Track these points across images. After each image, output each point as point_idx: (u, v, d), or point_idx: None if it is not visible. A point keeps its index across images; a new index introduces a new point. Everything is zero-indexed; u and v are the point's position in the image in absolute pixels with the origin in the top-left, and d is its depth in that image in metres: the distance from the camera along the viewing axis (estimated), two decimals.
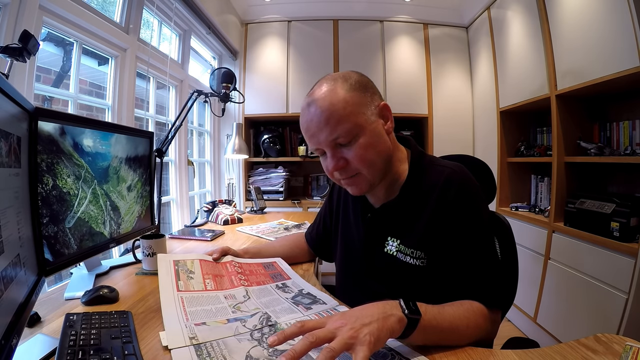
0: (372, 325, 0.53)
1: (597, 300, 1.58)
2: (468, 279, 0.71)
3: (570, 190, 1.91)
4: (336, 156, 0.74)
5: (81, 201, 0.88)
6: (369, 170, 0.74)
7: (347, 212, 0.94)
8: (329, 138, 0.72)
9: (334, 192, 1.03)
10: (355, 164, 0.73)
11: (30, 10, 1.17)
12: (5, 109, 0.53)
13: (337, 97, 0.71)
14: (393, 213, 0.81)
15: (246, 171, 3.06)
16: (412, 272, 0.76)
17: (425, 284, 0.75)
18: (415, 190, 0.78)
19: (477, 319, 0.66)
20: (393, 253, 0.80)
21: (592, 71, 1.64)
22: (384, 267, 0.81)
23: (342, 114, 0.71)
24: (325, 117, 0.71)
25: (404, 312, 0.58)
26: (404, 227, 0.79)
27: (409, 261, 0.77)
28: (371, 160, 0.74)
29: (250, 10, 3.04)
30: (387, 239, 0.81)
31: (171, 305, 0.71)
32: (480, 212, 0.75)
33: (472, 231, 0.73)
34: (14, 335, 0.47)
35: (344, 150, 0.73)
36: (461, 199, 0.73)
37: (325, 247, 1.08)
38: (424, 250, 0.76)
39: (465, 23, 3.06)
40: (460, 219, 0.73)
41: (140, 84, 1.94)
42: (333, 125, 0.71)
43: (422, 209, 0.77)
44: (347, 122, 0.71)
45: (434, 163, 0.81)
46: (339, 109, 0.71)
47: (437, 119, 3.02)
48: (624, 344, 0.57)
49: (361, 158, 0.73)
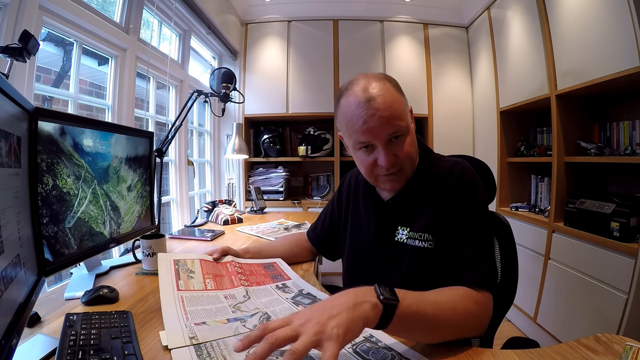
0: (340, 316, 0.48)
1: (597, 300, 1.58)
2: (457, 258, 0.73)
3: (570, 190, 1.91)
4: (390, 152, 0.77)
5: (81, 201, 0.88)
6: (410, 166, 0.82)
7: (357, 208, 0.97)
8: (388, 133, 0.75)
9: (343, 189, 1.05)
10: (403, 159, 0.79)
11: (30, 10, 1.17)
12: (5, 109, 0.53)
13: (394, 96, 0.77)
14: (403, 203, 0.85)
15: (246, 171, 3.06)
16: (421, 255, 0.79)
17: (434, 267, 0.77)
18: (422, 181, 0.83)
19: (465, 302, 0.64)
20: (403, 240, 0.83)
21: (592, 71, 1.64)
22: (395, 256, 0.84)
23: (401, 112, 0.77)
24: (389, 113, 0.74)
25: (379, 298, 0.52)
26: (413, 215, 0.83)
27: (418, 244, 0.80)
28: (412, 156, 0.81)
29: (250, 10, 3.04)
30: (398, 228, 0.85)
31: (171, 304, 0.71)
32: (476, 197, 0.79)
33: (466, 213, 0.77)
34: (14, 335, 0.47)
35: (394, 146, 0.78)
36: (460, 185, 0.79)
37: (330, 244, 1.09)
38: (431, 233, 0.79)
39: (465, 23, 3.06)
40: (458, 202, 0.77)
41: (140, 84, 1.94)
42: (395, 121, 0.75)
43: (428, 197, 0.82)
44: (403, 120, 0.76)
45: (439, 158, 0.88)
46: (399, 107, 0.76)
47: (437, 119, 3.02)
48: (624, 344, 0.57)
49: (407, 154, 0.79)
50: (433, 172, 0.83)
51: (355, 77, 0.80)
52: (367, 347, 0.60)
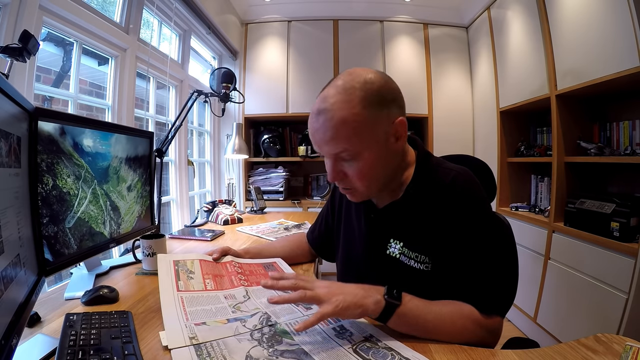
0: (347, 296, 0.62)
1: (597, 300, 1.58)
2: (465, 284, 0.69)
3: (570, 190, 1.91)
4: (336, 169, 0.72)
5: (81, 201, 0.88)
6: (367, 187, 0.74)
7: (349, 212, 0.93)
8: (331, 152, 0.70)
9: (337, 191, 1.02)
10: (353, 181, 0.72)
11: (30, 10, 1.17)
12: (5, 109, 0.53)
13: (351, 111, 0.66)
14: (397, 214, 0.78)
15: (246, 171, 3.06)
16: (415, 276, 0.74)
17: (428, 288, 0.73)
18: (420, 192, 0.76)
19: (463, 321, 0.65)
20: (396, 255, 0.78)
21: (592, 71, 1.64)
22: (386, 269, 0.80)
23: (351, 133, 0.67)
24: (333, 133, 0.67)
25: (384, 296, 0.64)
26: (408, 229, 0.77)
27: (414, 265, 0.75)
28: (371, 178, 0.72)
29: (250, 10, 3.04)
30: (390, 240, 0.79)
31: (171, 305, 0.71)
32: (485, 218, 0.72)
33: (475, 236, 0.70)
34: (14, 335, 0.47)
35: (345, 164, 0.72)
36: (467, 204, 0.71)
37: (327, 246, 1.07)
38: (428, 255, 0.73)
39: (465, 23, 3.06)
40: (465, 225, 0.70)
41: (140, 84, 1.94)
42: (339, 141, 0.68)
43: (426, 212, 0.74)
44: (354, 141, 0.67)
45: (440, 165, 0.78)
46: (349, 127, 0.66)
47: (437, 119, 3.02)
48: (624, 344, 0.57)
49: (360, 176, 0.71)
50: (432, 180, 0.75)
51: (338, 75, 0.72)
52: (367, 347, 0.60)
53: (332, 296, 0.62)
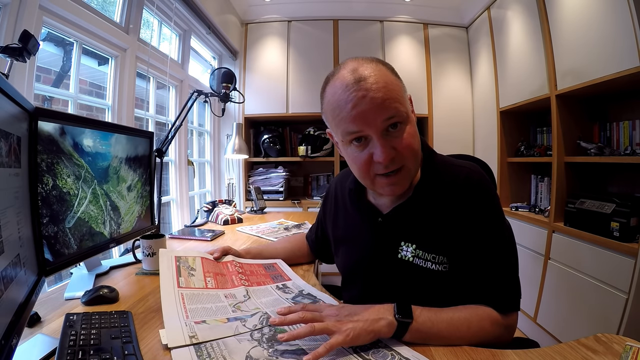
0: (357, 323, 0.59)
1: (597, 300, 1.58)
2: (483, 282, 0.69)
3: (570, 190, 1.91)
4: (387, 145, 0.65)
5: (81, 201, 0.88)
6: (414, 162, 0.69)
7: (347, 219, 0.88)
8: (383, 118, 0.63)
9: (329, 201, 0.98)
10: (404, 154, 0.66)
11: (30, 10, 1.17)
12: (5, 109, 0.53)
13: (390, 77, 0.66)
14: (406, 216, 0.75)
15: (246, 171, 3.06)
16: (433, 278, 0.71)
17: (446, 290, 0.71)
18: (431, 190, 0.73)
19: (481, 322, 0.65)
20: (409, 259, 0.73)
21: (592, 71, 1.64)
22: (399, 275, 0.75)
23: (398, 95, 0.65)
24: (384, 94, 0.63)
25: (395, 317, 0.61)
26: (420, 230, 0.73)
27: (430, 267, 0.71)
28: (416, 150, 0.68)
29: (250, 10, 3.04)
30: (401, 244, 0.75)
31: (171, 301, 0.71)
32: (500, 214, 0.72)
33: (493, 232, 0.70)
34: (14, 335, 0.47)
35: (392, 137, 0.66)
36: (483, 200, 0.70)
37: (326, 250, 1.04)
38: (446, 255, 0.71)
39: (465, 23, 3.06)
40: (483, 221, 0.70)
41: (140, 84, 1.94)
42: (391, 102, 0.63)
43: (439, 211, 0.72)
44: (401, 104, 0.65)
45: (447, 162, 0.76)
46: (395, 90, 0.65)
47: (437, 119, 3.02)
48: (624, 344, 0.57)
49: (409, 147, 0.66)
50: (440, 178, 0.73)
51: (343, 62, 0.69)
52: (367, 347, 0.60)
53: (341, 325, 0.58)
